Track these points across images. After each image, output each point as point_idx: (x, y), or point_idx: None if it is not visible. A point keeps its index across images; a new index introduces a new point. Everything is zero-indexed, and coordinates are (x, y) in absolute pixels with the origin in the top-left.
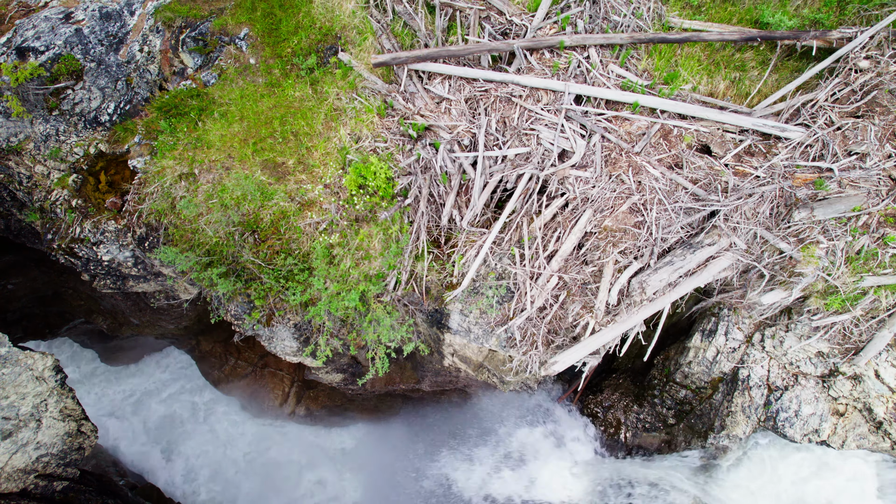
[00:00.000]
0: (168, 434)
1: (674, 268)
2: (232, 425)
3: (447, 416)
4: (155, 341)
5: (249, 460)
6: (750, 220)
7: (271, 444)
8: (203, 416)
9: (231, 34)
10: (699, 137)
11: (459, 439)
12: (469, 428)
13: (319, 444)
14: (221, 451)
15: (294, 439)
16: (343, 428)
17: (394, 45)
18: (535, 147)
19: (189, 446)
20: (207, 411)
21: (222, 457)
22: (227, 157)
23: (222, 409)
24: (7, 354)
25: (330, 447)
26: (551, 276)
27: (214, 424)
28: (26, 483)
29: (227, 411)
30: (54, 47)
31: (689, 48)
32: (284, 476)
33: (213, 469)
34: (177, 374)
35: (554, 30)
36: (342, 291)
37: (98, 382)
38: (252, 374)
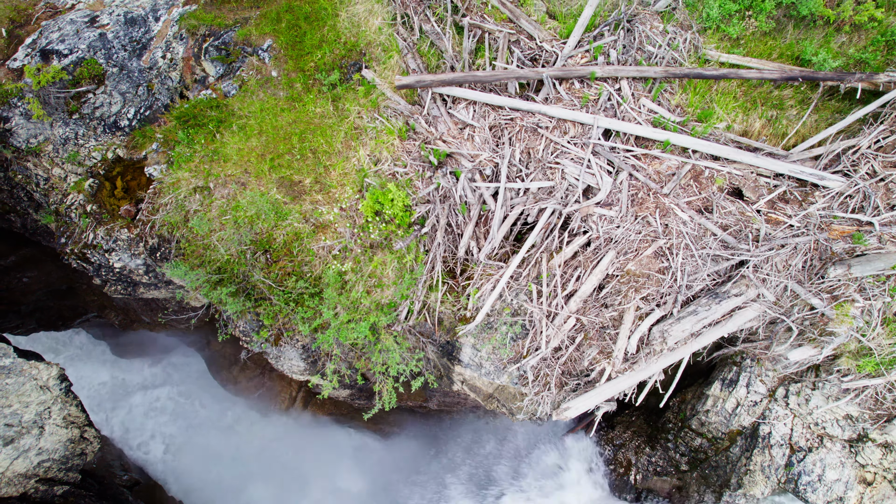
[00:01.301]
0: (173, 431)
1: (697, 318)
2: (237, 425)
3: (453, 435)
4: (166, 338)
5: (254, 460)
6: (781, 272)
7: (276, 445)
8: (208, 415)
9: (254, 45)
10: (731, 180)
11: (459, 466)
12: (471, 452)
13: (323, 450)
14: (225, 451)
15: (298, 442)
16: (347, 436)
17: (419, 66)
18: (560, 181)
19: (193, 444)
20: (213, 410)
21: (226, 456)
22: (244, 173)
23: (228, 408)
24: (11, 365)
25: (333, 453)
26: (569, 317)
27: (219, 424)
28: (26, 487)
29: (234, 411)
30: (78, 51)
31: (725, 83)
32: (287, 478)
33: (216, 467)
34: (186, 371)
35: (585, 59)
36: (352, 321)
37: (108, 375)
38: (260, 376)
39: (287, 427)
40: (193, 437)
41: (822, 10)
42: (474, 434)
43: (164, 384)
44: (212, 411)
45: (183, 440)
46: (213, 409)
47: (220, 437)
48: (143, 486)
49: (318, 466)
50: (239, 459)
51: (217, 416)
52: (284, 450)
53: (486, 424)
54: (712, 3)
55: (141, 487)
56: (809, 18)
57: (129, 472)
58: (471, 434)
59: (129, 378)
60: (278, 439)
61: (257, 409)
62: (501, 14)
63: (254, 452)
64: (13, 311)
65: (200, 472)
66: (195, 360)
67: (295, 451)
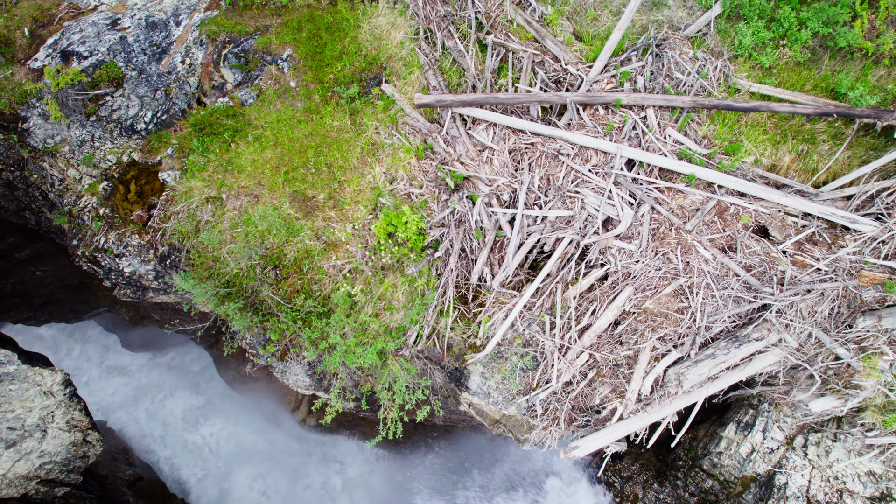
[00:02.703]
0: (179, 428)
1: (716, 361)
2: (243, 425)
3: (457, 450)
4: (175, 335)
5: (258, 459)
6: (806, 318)
7: (282, 445)
8: (214, 413)
9: (274, 54)
10: (757, 218)
11: (463, 486)
12: (475, 474)
13: (328, 453)
14: (229, 448)
15: (304, 444)
16: (351, 441)
17: (440, 83)
18: (579, 211)
19: (198, 441)
20: (219, 408)
21: (229, 453)
22: (257, 185)
23: (235, 407)
24: (15, 372)
25: (338, 457)
26: (582, 352)
27: (225, 422)
28: (27, 489)
29: (240, 411)
30: (98, 53)
31: (755, 115)
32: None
33: (219, 464)
34: (194, 368)
35: (611, 84)
36: (360, 344)
37: (116, 368)
38: (267, 377)
39: (292, 430)
40: (198, 434)
41: (861, 42)
42: (478, 454)
43: (171, 380)
44: (218, 410)
45: (187, 436)
46: (219, 407)
47: (224, 434)
48: (146, 481)
49: (323, 475)
50: (242, 456)
51: (223, 414)
52: (289, 454)
53: (492, 441)
54: (745, 31)
55: (144, 483)
56: (847, 50)
57: (134, 466)
58: (476, 455)
59: (136, 372)
60: (283, 442)
61: (264, 408)
62: (527, 33)
63: (258, 449)
64: (26, 303)
65: (204, 470)
66: (203, 357)
67: (299, 456)
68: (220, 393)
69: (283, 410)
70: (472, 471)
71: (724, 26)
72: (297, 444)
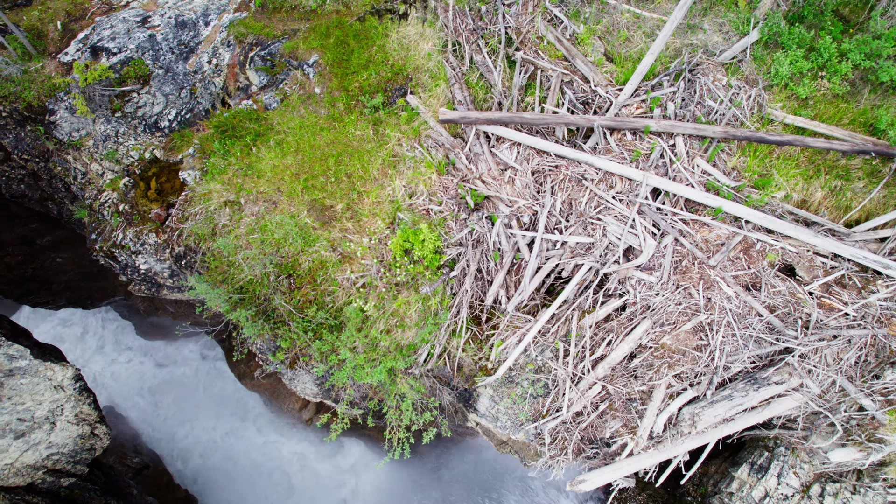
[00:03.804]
0: (187, 418)
1: (732, 403)
2: (250, 420)
3: (463, 462)
4: (190, 321)
5: (263, 454)
6: (830, 365)
7: (288, 441)
8: (222, 405)
9: (300, 59)
10: (784, 256)
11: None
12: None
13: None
14: (234, 442)
15: (308, 448)
16: (357, 443)
17: (465, 98)
18: (600, 238)
19: (204, 433)
20: (227, 401)
21: (233, 446)
22: (276, 191)
23: (243, 403)
24: (27, 366)
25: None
26: (595, 383)
27: (231, 416)
28: (34, 478)
29: (248, 407)
30: (126, 50)
31: (788, 148)
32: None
33: (222, 457)
34: (205, 361)
35: (641, 109)
36: (370, 360)
37: (129, 355)
38: (275, 374)
39: (298, 429)
40: (205, 426)
41: None
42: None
43: (182, 370)
44: (226, 404)
45: (194, 428)
46: (228, 401)
47: (231, 428)
48: (151, 470)
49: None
50: (246, 451)
51: (231, 410)
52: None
53: (494, 462)
54: (783, 60)
55: (149, 472)
56: (889, 85)
57: (141, 454)
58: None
59: (149, 360)
60: (291, 435)
61: (271, 405)
62: (557, 51)
63: (264, 443)
64: (45, 287)
65: (210, 465)
66: (215, 350)
67: (303, 458)
68: (230, 387)
69: (291, 409)
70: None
71: (761, 53)
72: (303, 447)
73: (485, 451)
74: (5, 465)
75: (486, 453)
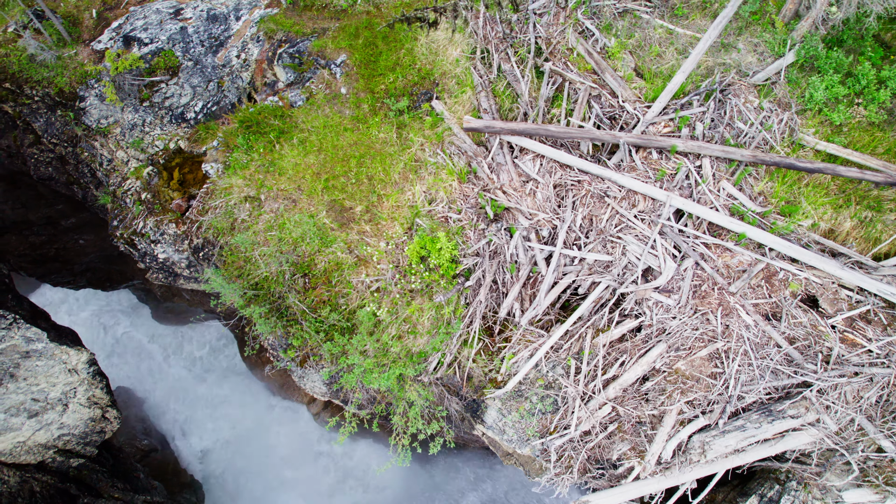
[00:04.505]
0: (198, 405)
1: (745, 434)
2: (259, 411)
3: (469, 468)
4: (204, 313)
5: (270, 445)
6: (850, 403)
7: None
8: (230, 395)
9: (328, 58)
10: (808, 287)
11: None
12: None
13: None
14: (240, 433)
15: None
16: (361, 442)
17: (491, 106)
18: (619, 257)
19: (213, 419)
20: (237, 392)
21: (239, 436)
22: (296, 189)
23: (253, 393)
24: (43, 349)
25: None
26: (605, 404)
27: (239, 405)
28: (45, 457)
29: (257, 397)
30: (158, 41)
31: (818, 175)
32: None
33: (228, 446)
34: (217, 348)
35: (668, 128)
36: (379, 366)
37: (145, 338)
38: (287, 370)
39: (307, 423)
40: (213, 413)
41: None
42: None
43: (195, 356)
44: (236, 393)
45: (201, 415)
46: (237, 391)
47: (239, 416)
48: (159, 453)
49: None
50: (252, 440)
51: (240, 399)
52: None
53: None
54: (818, 84)
55: (157, 456)
56: None
57: (151, 437)
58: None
59: (163, 345)
60: (297, 435)
61: (280, 395)
62: (586, 64)
63: (271, 435)
64: (67, 268)
65: (213, 447)
66: (228, 339)
67: (310, 455)
68: (241, 376)
69: (299, 401)
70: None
71: (796, 77)
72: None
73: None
74: (18, 443)
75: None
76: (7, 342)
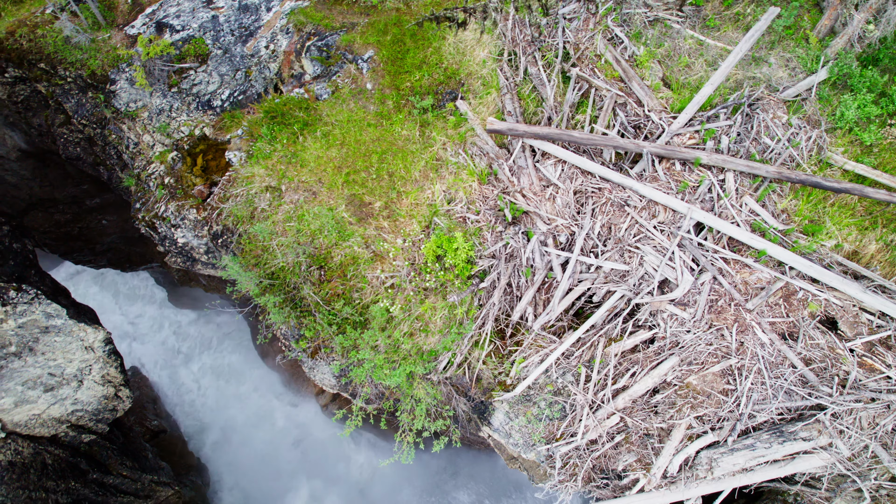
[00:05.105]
0: (207, 390)
1: (754, 454)
2: (268, 399)
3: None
4: (220, 298)
5: (277, 433)
6: (864, 429)
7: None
8: (241, 381)
9: (355, 53)
10: (827, 308)
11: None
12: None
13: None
14: (248, 419)
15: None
16: (367, 435)
17: (515, 109)
18: (636, 267)
19: (219, 405)
20: (247, 377)
21: (247, 422)
22: (317, 182)
23: (262, 381)
24: (62, 325)
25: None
26: (613, 414)
27: (249, 392)
28: (58, 431)
29: (266, 385)
30: (189, 29)
31: (844, 195)
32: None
33: (235, 431)
34: (230, 335)
35: (693, 140)
36: (389, 363)
37: (160, 320)
38: (297, 361)
39: (315, 413)
40: (224, 402)
41: None
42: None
43: (208, 341)
44: (246, 380)
45: (213, 399)
46: (248, 378)
47: (248, 402)
48: (168, 435)
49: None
50: (260, 426)
51: (250, 386)
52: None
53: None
54: (850, 103)
55: (165, 437)
56: None
57: (160, 418)
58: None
59: (177, 327)
60: (304, 424)
61: (290, 385)
62: (613, 72)
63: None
64: (89, 247)
65: (222, 433)
66: (241, 326)
67: (316, 445)
68: (252, 364)
69: (308, 393)
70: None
71: (827, 94)
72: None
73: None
74: (33, 416)
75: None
76: (28, 316)
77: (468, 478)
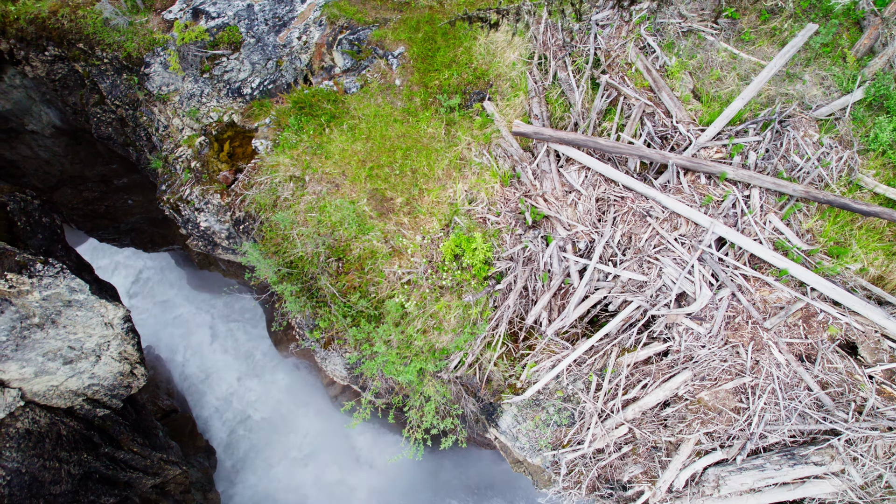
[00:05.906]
0: (220, 373)
1: (763, 475)
2: (279, 386)
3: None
4: (238, 284)
5: (285, 421)
6: (879, 458)
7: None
8: (253, 367)
9: (386, 49)
10: (848, 332)
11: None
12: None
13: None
14: (258, 405)
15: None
16: (374, 428)
17: (542, 113)
18: (654, 279)
19: (231, 390)
20: (259, 364)
21: (257, 408)
22: (341, 174)
23: (274, 367)
24: (84, 300)
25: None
26: (622, 424)
27: (261, 379)
28: (74, 403)
29: (280, 373)
30: (224, 16)
31: (873, 218)
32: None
33: (244, 416)
34: (246, 320)
35: (720, 154)
36: (401, 358)
37: (178, 301)
38: (310, 350)
39: (324, 404)
40: (235, 388)
41: None
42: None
43: (224, 325)
44: (258, 367)
45: (225, 387)
46: (260, 364)
47: (260, 393)
48: (178, 415)
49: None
50: (271, 417)
51: (262, 373)
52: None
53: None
54: (885, 125)
55: (176, 417)
56: None
57: (172, 398)
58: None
59: (195, 309)
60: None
61: (300, 373)
62: (643, 81)
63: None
64: (114, 225)
65: (235, 422)
66: (257, 313)
67: (322, 435)
68: (265, 351)
69: (319, 383)
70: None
71: (862, 115)
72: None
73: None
74: (51, 387)
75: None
76: (53, 289)
77: (475, 476)
